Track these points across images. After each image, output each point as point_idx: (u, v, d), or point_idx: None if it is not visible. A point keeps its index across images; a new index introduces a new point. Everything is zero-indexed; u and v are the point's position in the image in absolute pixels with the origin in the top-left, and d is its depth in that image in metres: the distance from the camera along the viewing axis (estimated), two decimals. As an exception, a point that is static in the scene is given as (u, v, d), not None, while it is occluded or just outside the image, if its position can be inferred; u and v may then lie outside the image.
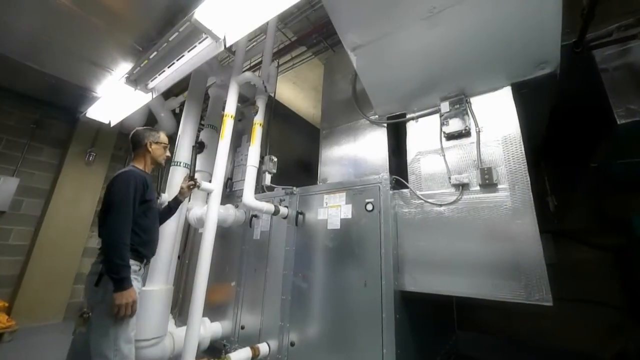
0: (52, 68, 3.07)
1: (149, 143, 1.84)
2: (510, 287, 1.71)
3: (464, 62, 2.05)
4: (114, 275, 1.45)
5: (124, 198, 1.55)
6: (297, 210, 2.70)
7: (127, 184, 1.59)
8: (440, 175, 2.16)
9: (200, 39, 2.35)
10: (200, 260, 2.20)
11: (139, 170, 1.77)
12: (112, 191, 1.59)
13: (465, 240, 1.92)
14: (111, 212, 1.52)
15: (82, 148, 4.48)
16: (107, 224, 1.52)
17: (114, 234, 1.49)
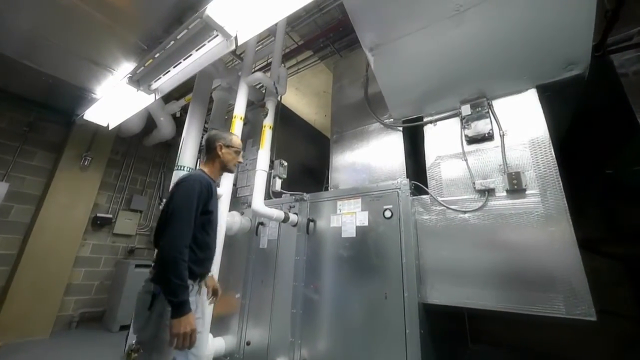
0: (50, 67, 2.92)
1: (220, 146, 1.66)
2: (546, 300, 1.59)
3: (487, 63, 1.97)
4: (171, 297, 1.23)
5: (186, 206, 1.37)
6: (308, 218, 2.56)
7: (191, 190, 1.41)
8: (463, 181, 2.06)
9: (210, 37, 2.24)
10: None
11: (206, 175, 1.60)
12: (175, 198, 1.41)
13: (494, 249, 1.81)
14: (171, 221, 1.33)
15: (77, 152, 4.29)
16: (166, 235, 1.32)
17: (173, 248, 1.28)
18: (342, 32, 3.66)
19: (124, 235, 4.94)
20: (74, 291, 4.28)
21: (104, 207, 4.77)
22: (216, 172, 1.69)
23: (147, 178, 5.36)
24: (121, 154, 5.08)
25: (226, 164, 1.70)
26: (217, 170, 1.69)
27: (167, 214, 1.38)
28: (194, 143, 2.83)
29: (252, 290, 2.78)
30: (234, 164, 1.75)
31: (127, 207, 5.02)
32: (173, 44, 2.38)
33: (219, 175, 1.73)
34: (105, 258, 4.72)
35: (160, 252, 1.30)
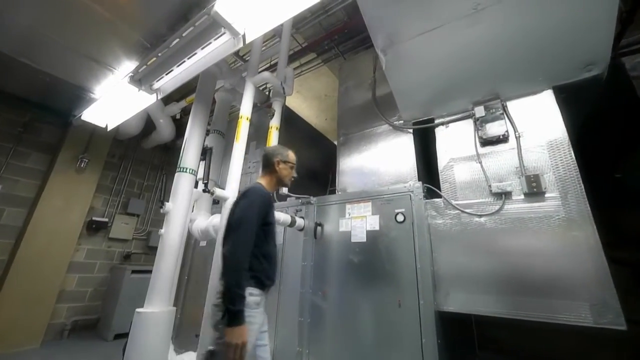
0: (48, 65, 2.82)
1: (277, 162, 1.73)
2: (571, 309, 1.52)
3: (502, 64, 1.94)
4: (230, 305, 1.24)
5: (252, 217, 1.42)
6: (315, 222, 2.48)
7: (255, 201, 1.47)
8: (478, 183, 2.00)
9: (216, 35, 2.18)
10: (213, 280, 1.93)
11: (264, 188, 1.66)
12: (240, 208, 1.47)
13: (513, 255, 1.74)
14: (234, 231, 1.39)
15: (73, 154, 4.17)
16: (228, 244, 1.39)
17: (233, 256, 1.32)
18: (347, 35, 3.63)
19: (120, 240, 4.79)
20: (66, 298, 4.12)
21: (100, 210, 4.63)
22: (272, 186, 1.74)
23: (144, 181, 5.23)
24: (118, 156, 4.96)
25: (282, 179, 1.76)
26: (273, 184, 1.74)
27: (231, 224, 1.46)
28: (196, 144, 2.74)
29: (256, 297, 2.67)
30: (289, 179, 1.81)
31: (123, 211, 4.88)
32: (178, 41, 2.31)
33: (275, 189, 1.78)
34: (100, 263, 4.57)
35: (223, 261, 1.36)
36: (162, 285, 2.30)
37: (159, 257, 2.36)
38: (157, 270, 2.32)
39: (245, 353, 1.25)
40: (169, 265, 2.36)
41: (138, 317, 2.16)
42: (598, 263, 1.51)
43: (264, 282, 1.46)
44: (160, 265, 2.33)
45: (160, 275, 2.31)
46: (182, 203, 2.52)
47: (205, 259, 3.33)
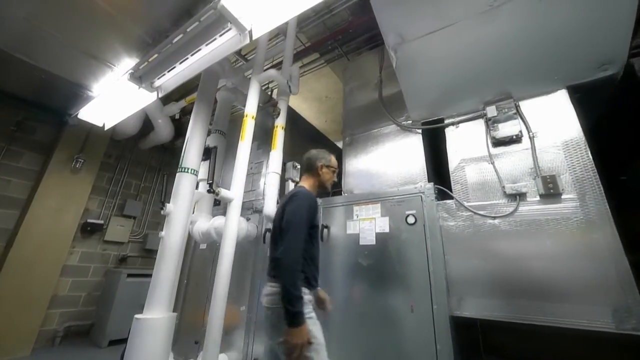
0: (44, 61, 2.73)
1: (321, 166, 1.74)
2: (592, 314, 1.47)
3: (515, 63, 1.90)
4: (289, 306, 1.26)
5: (301, 220, 1.44)
6: (322, 224, 2.41)
7: (303, 204, 1.48)
8: (490, 185, 1.95)
9: (222, 31, 2.11)
10: (218, 283, 1.86)
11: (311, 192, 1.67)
12: (289, 211, 1.47)
13: (530, 258, 1.69)
14: (286, 234, 1.39)
15: (68, 154, 4.05)
16: (281, 247, 1.38)
17: (288, 259, 1.33)
18: (351, 35, 3.59)
19: (115, 243, 4.66)
20: (59, 303, 3.97)
21: (95, 212, 4.50)
22: (314, 189, 1.73)
23: (141, 183, 5.12)
24: (115, 157, 4.84)
25: (324, 183, 1.76)
26: (315, 188, 1.73)
27: (281, 228, 1.46)
28: (198, 144, 2.65)
29: (259, 302, 2.58)
30: (331, 183, 1.81)
31: (119, 213, 4.76)
32: (181, 37, 2.23)
33: (316, 192, 1.76)
34: (95, 267, 4.43)
35: (278, 264, 1.36)
36: (162, 290, 2.20)
37: (159, 261, 2.26)
38: (157, 274, 2.23)
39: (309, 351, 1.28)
40: (170, 269, 2.27)
41: (137, 324, 2.05)
42: (620, 266, 1.46)
43: (311, 282, 1.52)
44: (160, 268, 2.24)
45: (161, 280, 2.21)
46: (183, 204, 2.43)
47: (205, 262, 3.24)
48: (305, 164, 1.78)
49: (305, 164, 1.77)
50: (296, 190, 1.60)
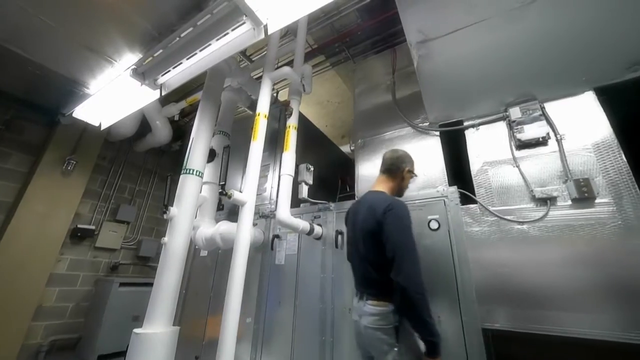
0: (40, 55, 2.55)
1: (407, 170, 1.64)
2: (637, 324, 1.38)
3: (542, 63, 1.85)
4: (430, 338, 1.22)
5: (412, 238, 1.35)
6: (336, 230, 2.28)
7: (408, 217, 1.40)
8: (517, 188, 1.87)
9: (235, 25, 2.00)
10: (230, 295, 1.70)
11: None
12: (396, 228, 1.35)
13: (563, 264, 1.60)
14: (404, 256, 1.28)
15: (60, 155, 3.82)
16: (403, 273, 1.26)
17: (417, 286, 1.23)
18: (359, 37, 3.54)
19: (107, 250, 4.41)
20: (44, 315, 3.69)
21: (87, 217, 4.25)
22: (392, 194, 1.61)
23: (136, 186, 4.90)
24: (109, 159, 4.62)
25: (403, 189, 1.68)
26: (393, 193, 1.62)
27: (389, 243, 1.32)
28: (203, 144, 2.51)
29: (267, 313, 2.42)
30: (406, 190, 1.74)
31: (112, 218, 4.52)
32: (191, 31, 2.12)
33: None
34: (84, 275, 4.16)
35: (404, 291, 1.23)
36: (164, 301, 2.02)
37: (162, 269, 2.09)
38: (158, 284, 2.05)
39: None
40: (173, 278, 2.09)
41: (136, 340, 1.87)
42: (666, 274, 1.38)
43: None
44: (162, 278, 2.06)
45: (163, 290, 2.04)
46: (187, 208, 2.27)
47: (206, 271, 3.06)
48: (388, 164, 1.64)
49: (389, 164, 1.64)
50: (388, 200, 1.46)
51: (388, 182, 1.62)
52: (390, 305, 1.33)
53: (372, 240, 1.41)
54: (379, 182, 1.65)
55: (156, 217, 5.09)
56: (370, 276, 1.42)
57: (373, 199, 1.53)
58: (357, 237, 1.52)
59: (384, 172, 1.66)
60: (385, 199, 1.48)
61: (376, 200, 1.48)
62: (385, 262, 1.32)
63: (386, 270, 1.32)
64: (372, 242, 1.41)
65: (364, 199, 1.62)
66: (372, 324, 1.33)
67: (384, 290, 1.35)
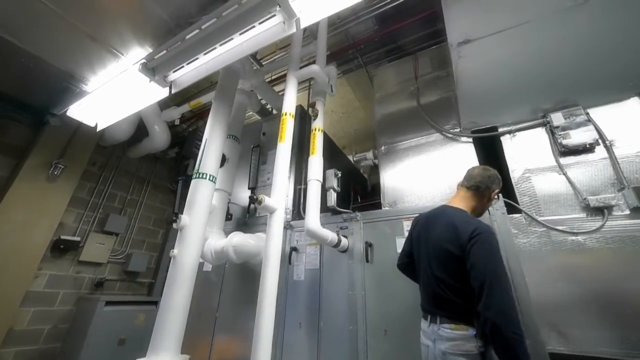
0: (33, 44, 2.28)
1: (495, 192, 1.49)
2: None
3: (587, 67, 1.79)
4: None
5: (504, 270, 1.18)
6: (365, 242, 2.09)
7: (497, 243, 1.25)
8: (565, 197, 1.76)
9: (265, 17, 1.86)
10: (261, 314, 1.46)
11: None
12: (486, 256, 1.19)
13: (630, 279, 1.47)
14: (496, 289, 1.12)
15: (45, 159, 3.47)
16: (495, 304, 1.09)
17: (514, 326, 1.06)
18: (375, 44, 3.48)
19: (92, 264, 3.98)
20: (15, 340, 3.22)
21: (71, 227, 3.85)
22: (474, 214, 1.47)
23: (128, 195, 4.53)
24: (100, 164, 4.27)
25: (484, 210, 1.54)
26: (475, 213, 1.48)
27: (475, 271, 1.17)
28: (217, 147, 2.29)
29: (285, 336, 2.15)
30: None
31: (100, 229, 4.12)
32: (214, 22, 1.95)
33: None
34: (64, 293, 3.71)
35: (496, 329, 1.06)
36: (173, 324, 1.74)
37: (171, 286, 1.81)
38: (167, 304, 1.77)
39: None
40: (183, 297, 1.82)
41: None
42: None
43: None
44: (171, 297, 1.79)
45: (172, 310, 1.76)
46: (200, 216, 2.03)
47: (212, 288, 2.77)
48: (477, 181, 1.48)
49: (478, 181, 1.48)
50: (467, 219, 1.35)
51: (472, 200, 1.48)
52: (470, 329, 1.17)
53: (452, 264, 1.26)
54: (461, 198, 1.50)
55: (148, 229, 4.72)
56: (444, 296, 1.27)
57: (454, 216, 1.38)
58: (430, 253, 1.38)
59: (469, 188, 1.50)
60: (470, 221, 1.33)
61: (459, 220, 1.34)
62: (465, 287, 1.20)
63: (465, 295, 1.18)
64: (451, 266, 1.27)
65: (442, 212, 1.48)
66: (453, 350, 1.16)
67: (462, 313, 1.20)
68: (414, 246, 1.55)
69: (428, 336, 1.29)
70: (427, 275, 1.37)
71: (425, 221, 1.52)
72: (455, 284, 1.24)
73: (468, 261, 1.20)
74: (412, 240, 1.59)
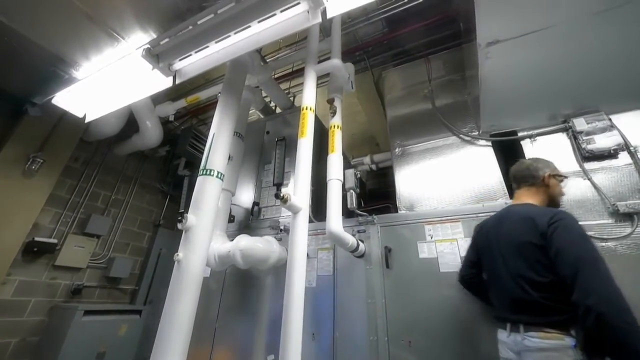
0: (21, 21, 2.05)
1: (548, 176, 1.42)
2: None
3: (613, 74, 1.80)
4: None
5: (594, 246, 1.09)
6: (385, 246, 1.98)
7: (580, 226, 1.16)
8: (593, 202, 1.74)
9: (289, 4, 1.74)
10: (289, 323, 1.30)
11: None
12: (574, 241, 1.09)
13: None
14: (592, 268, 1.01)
15: (22, 151, 3.14)
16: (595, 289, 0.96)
17: (621, 308, 0.92)
18: (383, 46, 3.45)
19: (69, 269, 3.62)
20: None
21: (47, 228, 3.49)
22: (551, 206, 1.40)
23: (112, 194, 4.20)
24: (82, 160, 3.94)
25: (555, 197, 1.44)
26: (544, 204, 1.40)
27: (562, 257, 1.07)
28: (225, 142, 2.12)
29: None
30: (561, 197, 1.50)
31: (79, 231, 3.77)
32: (230, 7, 1.81)
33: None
34: (36, 302, 3.34)
35: (601, 318, 0.91)
36: (178, 335, 1.55)
37: (174, 293, 1.62)
38: (170, 313, 1.58)
39: None
40: (188, 306, 1.63)
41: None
42: None
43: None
44: (176, 305, 1.60)
45: (177, 320, 1.57)
46: (207, 216, 1.85)
47: (210, 295, 2.55)
48: (519, 176, 1.47)
49: (521, 176, 1.47)
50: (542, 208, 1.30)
51: (533, 196, 1.42)
52: (567, 337, 1.03)
53: (532, 254, 1.16)
54: (521, 196, 1.46)
55: (133, 231, 4.39)
56: (526, 298, 1.13)
57: (528, 210, 1.32)
58: (505, 252, 1.27)
59: (519, 187, 1.48)
60: (546, 210, 1.28)
61: (534, 212, 1.27)
62: (551, 281, 1.08)
63: (553, 293, 1.06)
64: (532, 256, 1.16)
65: (511, 211, 1.42)
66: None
67: (553, 318, 1.06)
68: (483, 253, 1.46)
69: (510, 348, 1.17)
70: (503, 277, 1.25)
71: (493, 224, 1.45)
72: (539, 279, 1.11)
73: (551, 249, 1.10)
74: (477, 247, 1.51)
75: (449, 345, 1.62)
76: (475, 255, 1.52)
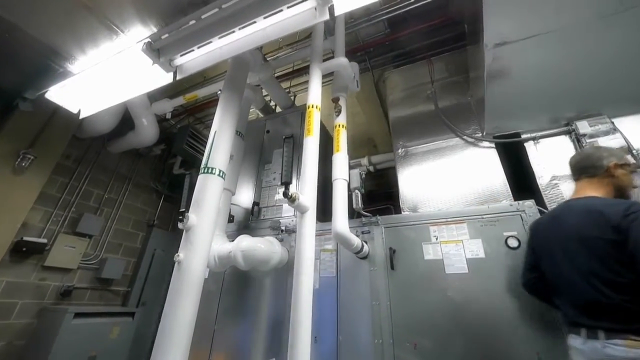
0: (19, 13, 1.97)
1: (614, 165, 1.29)
2: None
3: (617, 78, 1.82)
4: None
5: None
6: (389, 247, 1.95)
7: None
8: (596, 205, 1.74)
9: (295, 1, 1.71)
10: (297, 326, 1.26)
11: None
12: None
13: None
14: None
15: (12, 147, 3.02)
16: None
17: None
18: (385, 47, 3.44)
19: (59, 270, 3.50)
20: (-40, 361, 2.71)
21: (37, 228, 3.38)
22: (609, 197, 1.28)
23: (105, 193, 4.09)
24: (74, 158, 3.83)
25: (625, 188, 1.30)
26: (610, 196, 1.28)
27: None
28: (227, 140, 2.07)
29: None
30: (632, 189, 1.33)
31: (70, 230, 3.66)
32: (237, 2, 1.77)
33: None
34: (24, 304, 3.22)
35: None
36: (178, 338, 1.49)
37: (175, 295, 1.56)
38: (171, 316, 1.52)
39: None
40: (189, 308, 1.57)
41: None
42: None
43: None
44: (177, 307, 1.54)
45: (177, 324, 1.51)
46: (208, 215, 1.79)
47: (209, 298, 2.48)
48: (579, 167, 1.37)
49: (580, 167, 1.36)
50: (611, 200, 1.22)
51: (596, 189, 1.30)
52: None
53: (604, 250, 1.07)
54: (582, 189, 1.35)
55: (126, 231, 4.28)
56: (605, 301, 1.03)
57: (593, 203, 1.21)
58: (571, 250, 1.17)
59: (579, 178, 1.38)
60: (617, 201, 1.18)
61: (601, 204, 1.17)
62: (633, 281, 1.00)
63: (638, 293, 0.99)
64: (604, 254, 1.07)
65: (570, 206, 1.32)
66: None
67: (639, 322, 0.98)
68: (542, 253, 1.36)
69: (587, 356, 1.05)
70: (572, 278, 1.15)
71: (549, 222, 1.36)
72: (617, 278, 1.02)
73: (628, 242, 1.01)
74: (534, 249, 1.42)
75: (455, 348, 1.60)
76: (533, 259, 1.42)
